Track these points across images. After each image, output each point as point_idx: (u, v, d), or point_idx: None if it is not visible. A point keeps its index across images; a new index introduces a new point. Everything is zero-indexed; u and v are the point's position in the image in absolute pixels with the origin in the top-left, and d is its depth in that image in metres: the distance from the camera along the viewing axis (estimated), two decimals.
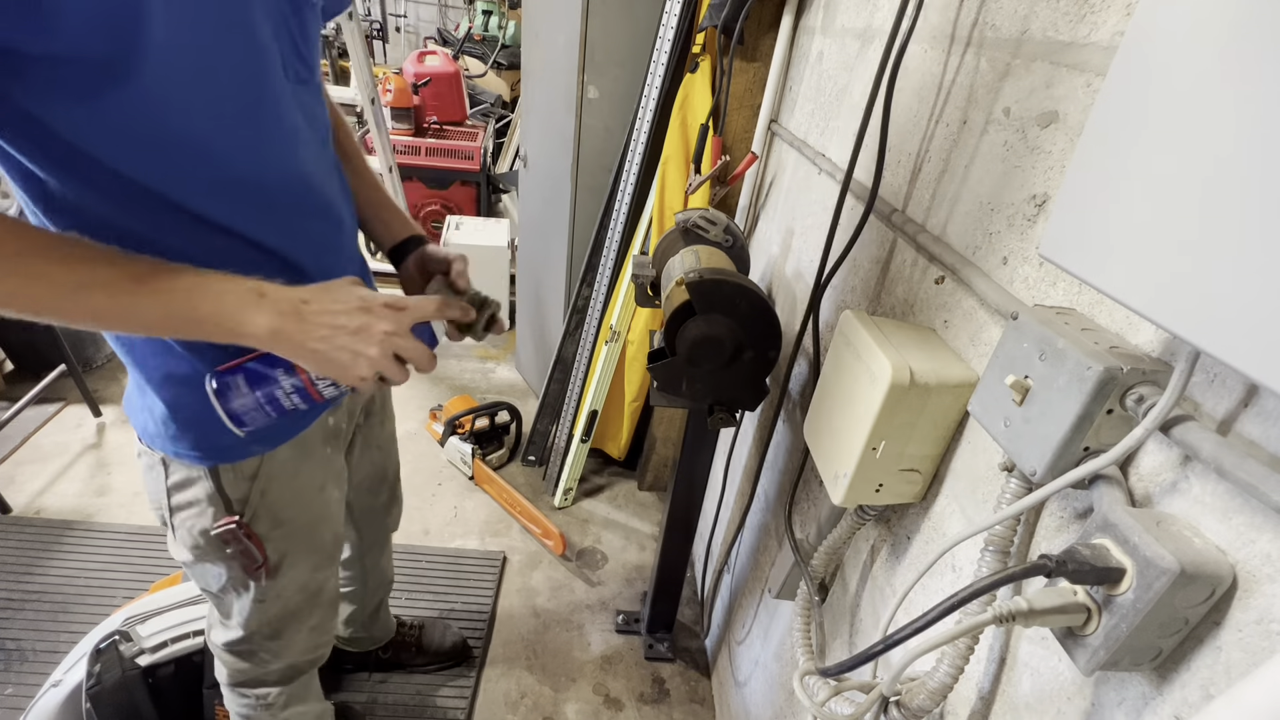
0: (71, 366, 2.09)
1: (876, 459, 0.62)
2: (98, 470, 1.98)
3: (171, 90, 0.52)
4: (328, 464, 0.85)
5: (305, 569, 0.86)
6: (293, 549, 0.83)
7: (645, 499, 2.10)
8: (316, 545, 0.87)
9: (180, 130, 0.54)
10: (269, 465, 0.76)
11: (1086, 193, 0.35)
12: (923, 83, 0.75)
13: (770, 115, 1.36)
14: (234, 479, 0.74)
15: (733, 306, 0.90)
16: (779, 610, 1.12)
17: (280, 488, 0.78)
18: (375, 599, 1.34)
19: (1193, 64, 0.30)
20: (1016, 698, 0.51)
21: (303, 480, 0.80)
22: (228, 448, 0.72)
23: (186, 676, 1.11)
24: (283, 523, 0.80)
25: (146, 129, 0.53)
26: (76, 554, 1.67)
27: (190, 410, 0.68)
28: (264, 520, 0.78)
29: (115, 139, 0.52)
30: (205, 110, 0.55)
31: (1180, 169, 0.30)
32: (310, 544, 0.86)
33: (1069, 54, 0.52)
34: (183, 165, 0.56)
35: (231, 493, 0.74)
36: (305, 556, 0.85)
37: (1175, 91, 0.31)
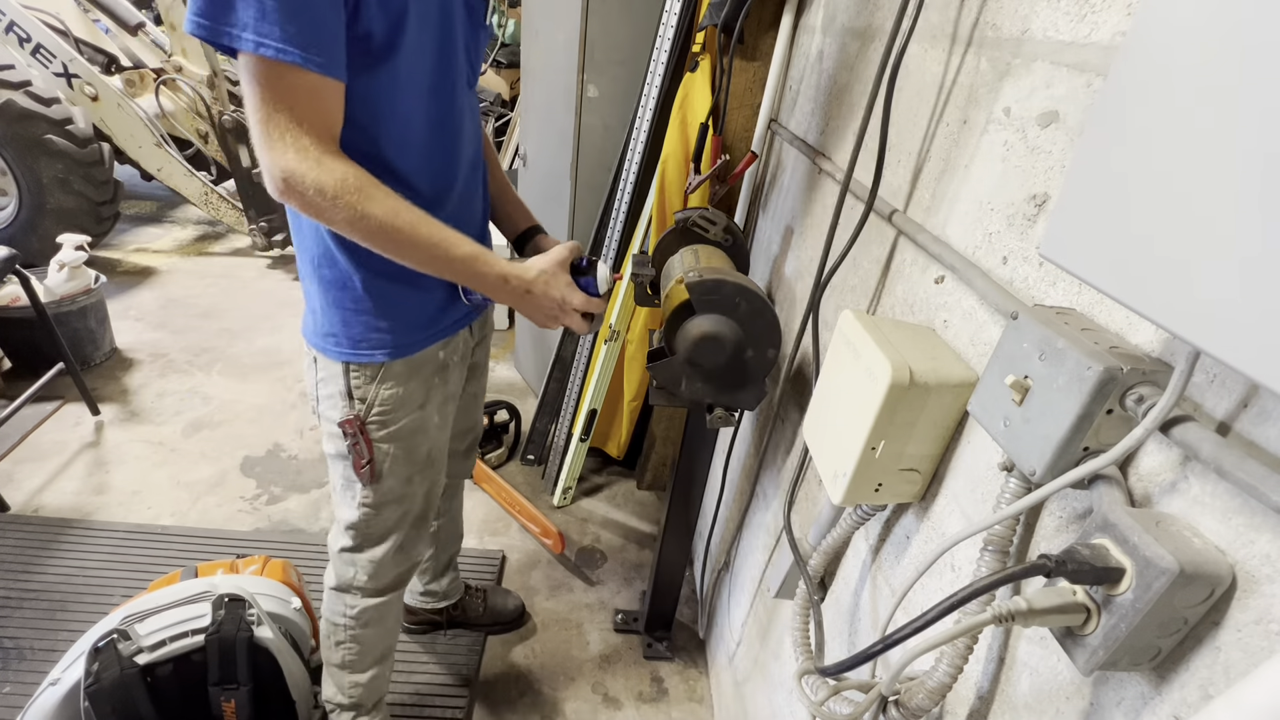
0: (70, 365, 2.09)
1: (876, 458, 0.62)
2: (96, 469, 1.97)
3: (409, 75, 0.76)
4: (433, 389, 0.99)
5: (400, 481, 1.00)
6: (393, 457, 0.97)
7: (644, 498, 2.10)
8: (413, 456, 1.00)
9: (405, 109, 0.78)
10: (386, 374, 0.92)
11: (1087, 193, 0.35)
12: (923, 82, 0.75)
13: (770, 114, 1.36)
14: (359, 380, 0.91)
15: (732, 306, 0.90)
16: (778, 609, 1.12)
17: (390, 394, 0.93)
18: (448, 552, 1.47)
19: (1194, 63, 0.30)
20: (1015, 697, 0.51)
21: (408, 393, 0.95)
22: (359, 348, 0.90)
23: (186, 675, 1.11)
24: (387, 425, 0.95)
25: (387, 103, 0.76)
26: (74, 552, 1.67)
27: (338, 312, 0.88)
28: (374, 423, 0.94)
29: (368, 108, 0.75)
30: (421, 96, 0.79)
31: (1181, 168, 0.30)
32: (408, 454, 0.99)
33: (1069, 53, 0.52)
34: (401, 137, 0.79)
35: (355, 391, 0.92)
36: (402, 466, 0.99)
37: (1176, 90, 0.31)
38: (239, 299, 3.16)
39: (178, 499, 1.90)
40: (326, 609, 1.13)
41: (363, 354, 0.90)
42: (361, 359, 0.91)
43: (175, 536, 1.75)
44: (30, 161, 2.95)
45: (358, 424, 0.93)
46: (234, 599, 1.16)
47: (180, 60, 3.28)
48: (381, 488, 0.99)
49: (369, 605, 1.10)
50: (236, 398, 2.39)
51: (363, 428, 0.94)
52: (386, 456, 0.97)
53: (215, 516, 1.85)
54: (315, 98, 0.68)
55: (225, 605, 1.14)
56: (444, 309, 0.95)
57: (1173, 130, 0.31)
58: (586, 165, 1.83)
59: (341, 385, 0.92)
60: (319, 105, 0.69)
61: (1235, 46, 0.28)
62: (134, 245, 3.71)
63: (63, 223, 2.99)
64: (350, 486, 1.00)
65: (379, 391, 0.92)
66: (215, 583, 1.20)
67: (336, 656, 1.14)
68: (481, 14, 0.85)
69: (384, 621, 1.14)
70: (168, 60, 3.35)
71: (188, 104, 3.43)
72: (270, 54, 0.64)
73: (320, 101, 0.69)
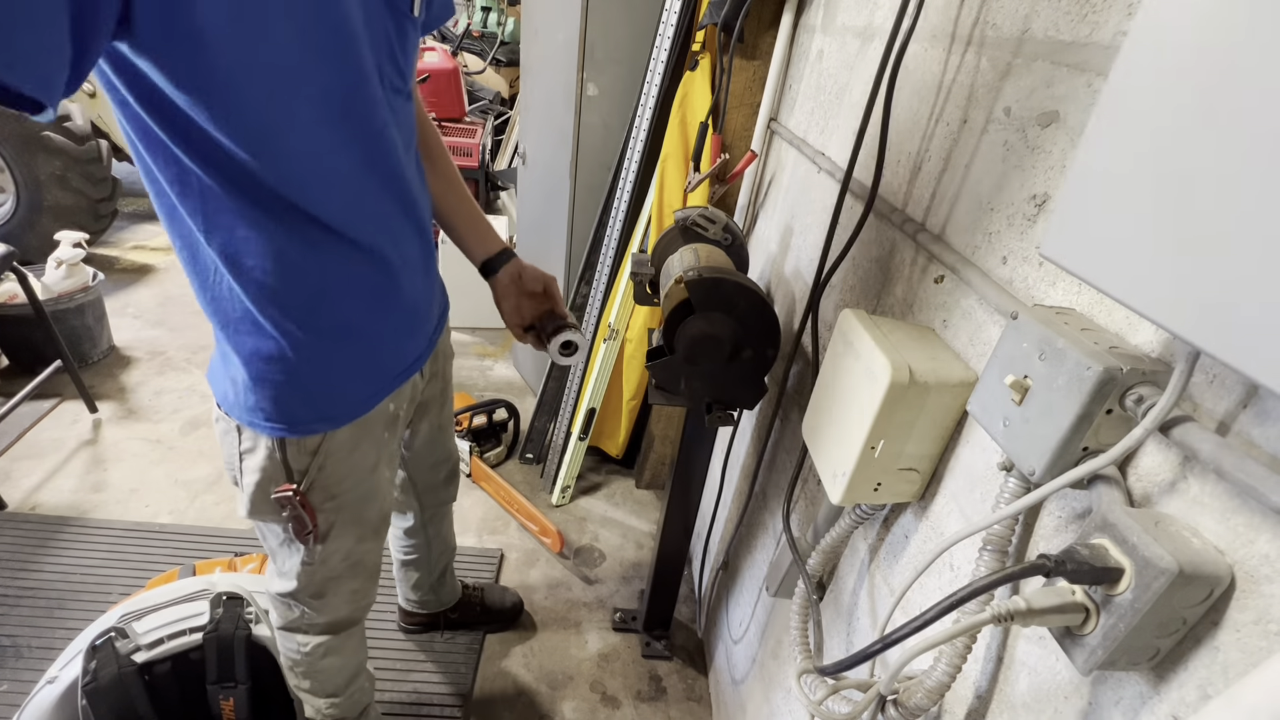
0: (67, 362, 2.08)
1: (875, 458, 0.62)
2: (94, 466, 1.97)
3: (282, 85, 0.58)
4: (383, 447, 0.91)
5: (350, 540, 0.93)
6: (341, 521, 0.89)
7: (643, 497, 2.10)
8: (363, 519, 0.93)
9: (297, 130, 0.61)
10: (329, 443, 0.82)
11: (1088, 193, 0.35)
12: (923, 82, 0.75)
13: (770, 113, 1.36)
14: (297, 452, 0.81)
15: (732, 305, 0.90)
16: (776, 608, 1.12)
17: (336, 464, 0.84)
18: (440, 565, 1.44)
19: (1195, 63, 0.30)
20: (1014, 697, 0.51)
21: (358, 459, 0.86)
22: (296, 423, 0.79)
23: (184, 673, 1.11)
24: (335, 496, 0.86)
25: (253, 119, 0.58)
26: (72, 550, 1.66)
27: (269, 387, 0.75)
28: (318, 492, 0.85)
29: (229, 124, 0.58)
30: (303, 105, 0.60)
31: (1182, 169, 0.30)
32: (357, 518, 0.92)
33: (1070, 54, 0.52)
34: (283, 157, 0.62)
35: (294, 464, 0.81)
36: (351, 529, 0.92)
37: (1177, 90, 0.31)
38: None
39: (175, 497, 1.89)
40: (280, 644, 1.06)
41: (300, 429, 0.79)
42: (298, 434, 0.79)
43: (173, 534, 1.75)
44: (28, 158, 2.94)
45: (298, 497, 0.82)
46: (232, 597, 1.15)
47: None
48: (329, 546, 0.91)
49: (321, 641, 1.03)
50: None
51: (304, 500, 0.83)
52: (333, 523, 0.88)
53: (213, 514, 1.85)
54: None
55: (223, 603, 1.14)
56: (395, 355, 0.85)
57: (1174, 130, 0.31)
58: (586, 164, 1.83)
59: (276, 457, 0.80)
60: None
61: (1236, 47, 0.28)
62: (132, 243, 3.70)
63: (60, 220, 2.99)
64: (290, 545, 0.90)
65: (323, 463, 0.82)
66: (213, 581, 1.20)
67: (304, 684, 1.09)
68: (405, 4, 0.68)
69: (342, 651, 1.07)
70: None
71: None
72: None
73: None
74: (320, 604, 0.98)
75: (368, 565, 1.00)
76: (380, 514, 0.96)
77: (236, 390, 0.77)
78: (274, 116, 0.59)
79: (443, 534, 1.38)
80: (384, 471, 0.93)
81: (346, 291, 0.75)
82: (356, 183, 0.69)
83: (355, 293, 0.76)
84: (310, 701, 1.12)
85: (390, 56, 0.68)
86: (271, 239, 0.66)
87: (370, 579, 1.03)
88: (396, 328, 0.84)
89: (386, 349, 0.83)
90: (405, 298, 0.83)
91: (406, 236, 0.80)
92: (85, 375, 2.28)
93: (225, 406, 0.80)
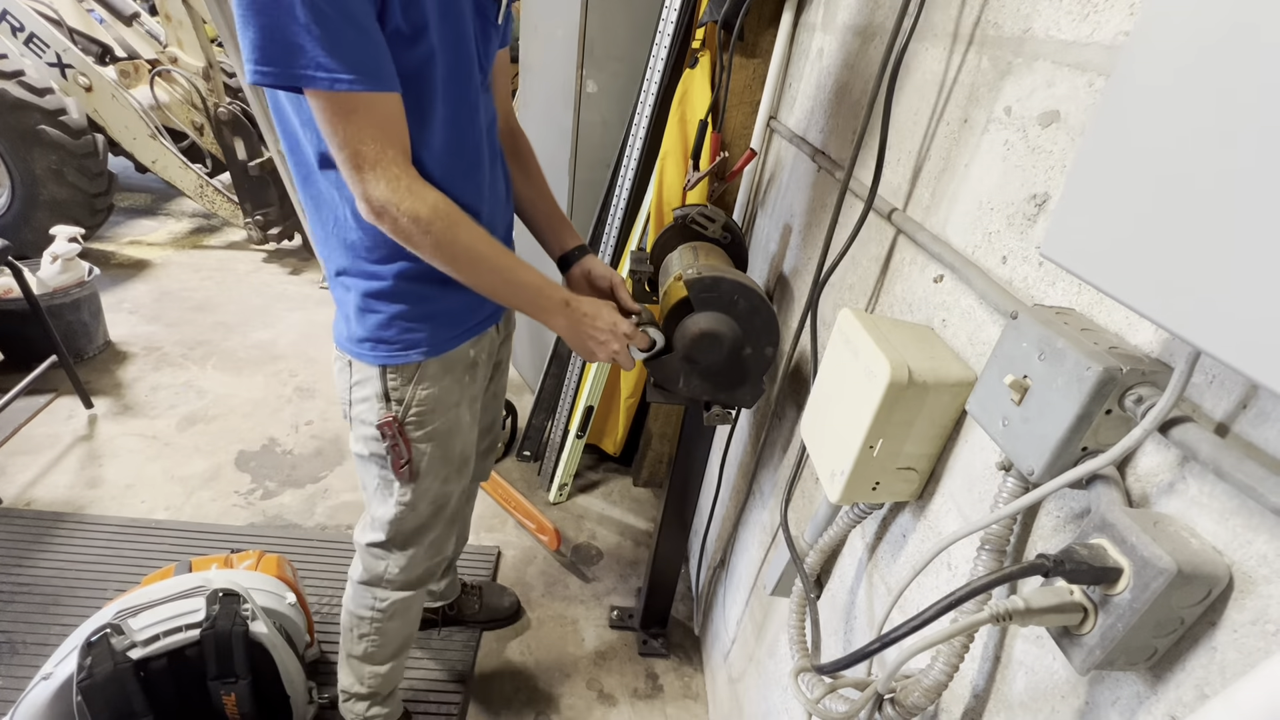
0: (63, 358, 2.08)
1: (874, 457, 0.62)
2: (89, 462, 1.96)
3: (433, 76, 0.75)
4: (464, 387, 1.00)
5: (437, 481, 1.01)
6: (430, 456, 0.98)
7: (640, 495, 2.10)
8: (448, 456, 1.01)
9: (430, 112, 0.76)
10: (421, 374, 0.92)
11: (1089, 193, 0.35)
12: (924, 80, 0.75)
13: (769, 111, 1.36)
14: (397, 382, 0.91)
15: (731, 304, 0.90)
16: (774, 607, 1.12)
17: (426, 394, 0.94)
18: (455, 552, 1.46)
19: (1196, 63, 0.30)
20: (1011, 696, 0.51)
21: (444, 393, 0.96)
22: (393, 352, 0.90)
23: (181, 670, 1.10)
24: (424, 425, 0.95)
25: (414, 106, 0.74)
26: (67, 546, 1.66)
27: (374, 317, 0.88)
28: (412, 425, 0.95)
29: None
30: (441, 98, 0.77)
31: (1182, 169, 0.30)
32: (444, 454, 1.00)
33: (1071, 53, 0.52)
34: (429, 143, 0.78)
35: (393, 394, 0.92)
36: (439, 466, 1.00)
37: (1178, 90, 0.31)
38: (234, 292, 3.15)
39: (171, 493, 1.89)
40: (351, 602, 1.13)
41: (398, 355, 0.90)
42: (397, 360, 0.91)
43: (169, 531, 1.74)
44: (23, 153, 2.92)
45: (396, 425, 0.93)
46: (228, 594, 1.15)
47: (175, 51, 3.26)
48: (420, 486, 1.00)
49: (398, 599, 1.10)
50: (231, 392, 2.38)
51: (401, 429, 0.94)
52: (424, 456, 0.97)
53: (209, 511, 1.84)
54: (390, 120, 0.70)
55: (220, 600, 1.14)
56: (474, 306, 0.95)
57: (1175, 130, 0.31)
58: (585, 161, 1.82)
59: (378, 388, 0.92)
60: (396, 127, 0.71)
61: (1237, 47, 0.28)
62: (128, 238, 3.68)
63: (56, 214, 2.97)
64: (387, 486, 1.00)
65: (416, 392, 0.93)
66: (209, 577, 1.20)
67: (359, 649, 1.15)
68: (493, 13, 0.83)
69: (408, 613, 1.15)
70: (163, 51, 3.31)
71: (183, 96, 3.41)
72: (345, 88, 0.65)
73: (396, 123, 0.71)
74: (406, 556, 1.06)
75: (450, 509, 1.08)
76: (462, 453, 1.04)
77: (349, 325, 0.90)
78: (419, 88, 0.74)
79: (465, 517, 1.42)
80: (465, 412, 1.01)
81: None
82: (460, 148, 0.83)
83: None
84: (356, 670, 1.18)
85: (483, 52, 0.82)
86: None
87: (450, 525, 1.10)
88: None
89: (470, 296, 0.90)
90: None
91: (493, 201, 0.92)
92: (81, 371, 2.27)
93: (338, 343, 0.94)
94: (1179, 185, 0.30)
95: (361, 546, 1.08)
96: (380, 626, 1.13)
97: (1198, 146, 0.30)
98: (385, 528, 1.03)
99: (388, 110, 0.70)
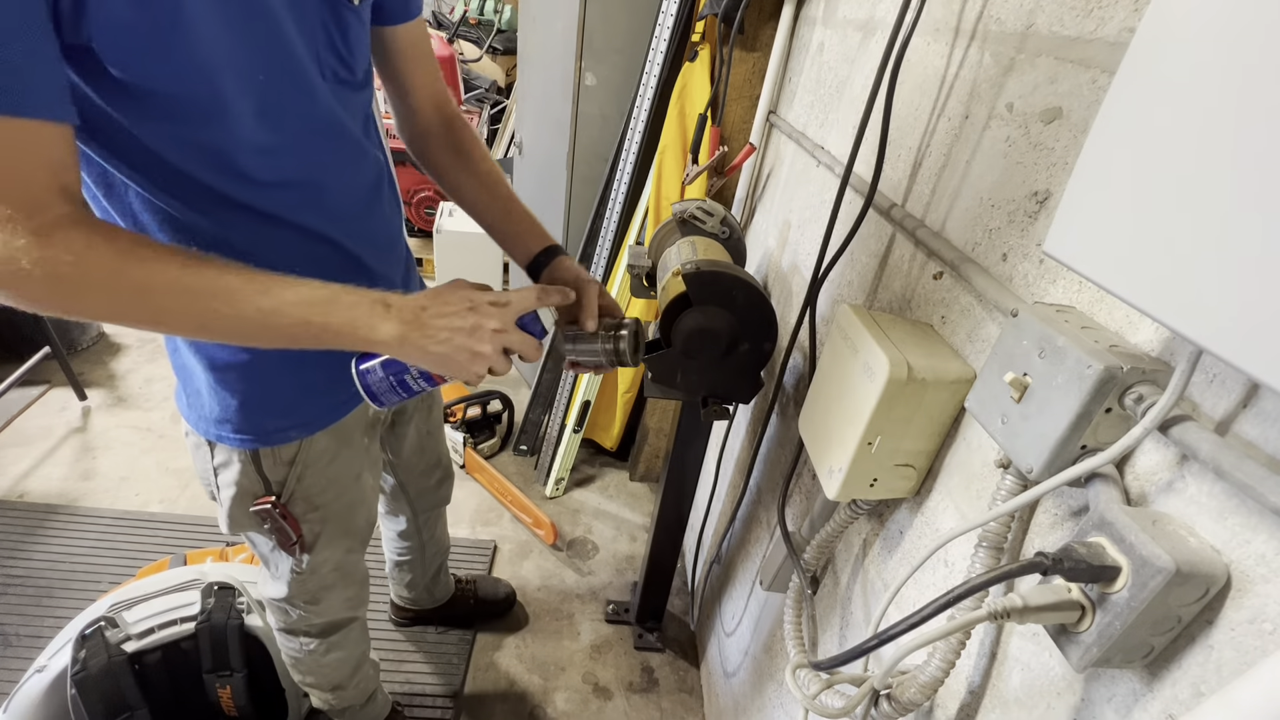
0: (56, 349, 2.06)
1: (872, 454, 0.62)
2: (83, 454, 1.95)
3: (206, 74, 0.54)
4: (365, 452, 0.88)
5: (339, 550, 0.91)
6: (327, 532, 0.87)
7: (637, 489, 2.10)
8: (351, 529, 0.91)
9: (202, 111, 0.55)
10: (306, 452, 0.79)
11: (1094, 190, 0.35)
12: (925, 76, 0.74)
13: (769, 106, 1.35)
14: (273, 463, 0.78)
15: (729, 299, 0.90)
16: (769, 602, 1.12)
17: (316, 474, 0.81)
18: (434, 565, 1.43)
19: (1205, 60, 0.30)
20: (1006, 692, 0.52)
21: (339, 467, 0.83)
22: (268, 433, 0.75)
23: (175, 663, 1.10)
24: (318, 506, 0.84)
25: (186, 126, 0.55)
26: (61, 539, 1.65)
27: (233, 395, 0.72)
28: (300, 503, 0.82)
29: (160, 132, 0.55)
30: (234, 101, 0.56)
31: (1190, 167, 0.30)
32: (345, 527, 0.90)
33: (1075, 49, 0.51)
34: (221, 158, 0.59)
35: (270, 475, 0.78)
36: (339, 539, 0.90)
37: (1188, 87, 0.30)
38: None
39: (166, 486, 1.88)
40: (281, 644, 1.05)
41: (272, 438, 0.75)
42: (272, 444, 0.75)
43: (164, 523, 1.74)
44: None
45: (277, 508, 0.79)
46: (223, 587, 1.15)
47: None
48: (317, 557, 0.89)
49: (322, 641, 1.03)
50: None
51: (285, 511, 0.80)
52: (319, 534, 0.86)
53: (204, 504, 1.83)
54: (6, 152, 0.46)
55: (215, 593, 1.14)
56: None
57: (1183, 127, 0.30)
58: (583, 155, 1.82)
59: (250, 470, 0.77)
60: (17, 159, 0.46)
61: (1246, 45, 0.28)
62: None
63: None
64: (278, 552, 0.88)
65: (301, 473, 0.79)
66: (204, 570, 1.20)
67: (308, 680, 1.10)
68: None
69: (344, 646, 1.06)
70: None
71: None
72: None
73: (20, 153, 0.46)
74: (316, 609, 0.98)
75: (359, 574, 1.01)
76: (367, 522, 0.95)
77: (200, 403, 0.74)
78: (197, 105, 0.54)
79: (436, 535, 1.37)
80: (368, 479, 0.90)
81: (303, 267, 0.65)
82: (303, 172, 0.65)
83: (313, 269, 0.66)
84: (316, 694, 1.13)
85: (330, 46, 0.63)
86: (209, 234, 0.61)
87: (363, 585, 1.04)
88: None
89: None
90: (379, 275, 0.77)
91: (370, 228, 0.74)
92: (74, 362, 2.25)
93: (191, 422, 0.77)
94: (1187, 183, 0.30)
95: (265, 600, 0.98)
96: (318, 664, 1.05)
97: (1206, 143, 0.29)
98: (286, 587, 0.93)
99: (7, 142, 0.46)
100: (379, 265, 0.77)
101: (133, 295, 0.51)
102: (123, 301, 0.51)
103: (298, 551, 0.86)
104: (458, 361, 0.60)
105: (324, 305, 0.56)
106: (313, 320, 0.56)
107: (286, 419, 0.76)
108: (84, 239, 0.48)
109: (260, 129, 0.59)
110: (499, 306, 0.62)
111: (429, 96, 0.83)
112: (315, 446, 0.79)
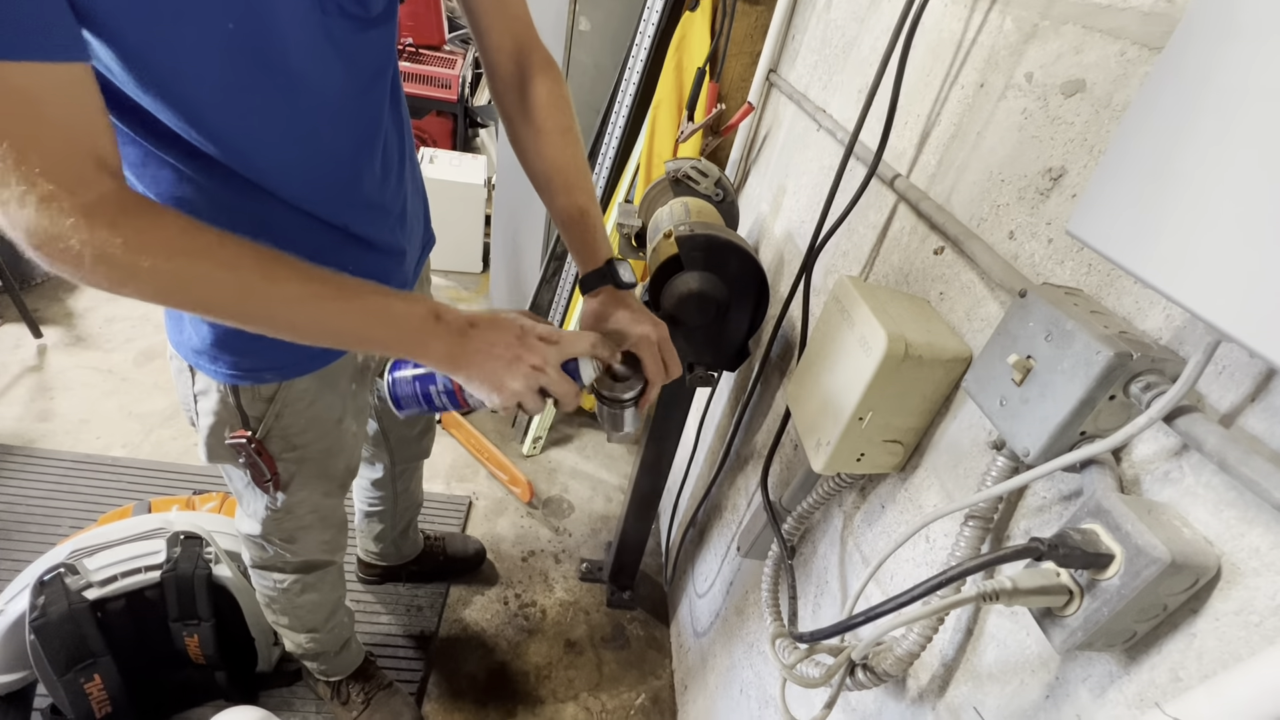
0: (9, 283, 1.95)
1: (862, 429, 0.61)
2: (39, 394, 1.87)
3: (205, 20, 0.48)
4: (350, 398, 0.87)
5: (316, 493, 0.90)
6: (303, 473, 0.85)
7: (614, 451, 2.11)
8: (328, 473, 0.89)
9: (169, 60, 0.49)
10: (286, 392, 0.77)
11: (1128, 170, 0.33)
12: (940, 40, 0.71)
13: (770, 64, 1.30)
14: (251, 399, 0.76)
15: (723, 264, 0.88)
16: (742, 567, 1.14)
17: (295, 414, 0.79)
18: (405, 519, 1.40)
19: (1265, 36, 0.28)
20: (980, 667, 0.53)
21: (320, 410, 0.81)
22: (245, 371, 0.73)
23: (141, 611, 1.08)
24: (295, 447, 0.82)
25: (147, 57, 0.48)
26: (17, 480, 1.59)
27: (217, 328, 0.69)
28: (276, 441, 0.80)
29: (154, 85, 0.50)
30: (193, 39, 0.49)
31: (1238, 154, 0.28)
32: (322, 471, 0.88)
33: (1104, 18, 0.49)
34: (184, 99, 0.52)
35: (248, 410, 0.76)
36: (316, 482, 0.88)
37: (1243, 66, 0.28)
38: None
39: (129, 430, 1.82)
40: (254, 582, 1.04)
41: (251, 376, 0.73)
42: (250, 381, 0.74)
43: (127, 469, 1.69)
44: None
45: (252, 443, 0.77)
46: (190, 536, 1.12)
47: None
48: (293, 497, 0.87)
49: (297, 579, 1.01)
50: None
51: (260, 447, 0.78)
52: (294, 474, 0.84)
53: (170, 450, 1.79)
54: (38, 105, 0.41)
55: (181, 542, 1.11)
56: None
57: (1235, 112, 0.29)
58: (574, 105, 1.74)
59: (229, 402, 0.75)
60: (53, 116, 0.42)
61: None
62: None
63: None
64: (253, 489, 0.86)
65: (280, 411, 0.77)
66: (170, 519, 1.17)
67: (282, 621, 1.09)
68: None
69: (320, 588, 1.05)
70: None
71: None
72: None
73: (54, 108, 0.41)
74: (293, 548, 0.96)
75: (336, 517, 0.99)
76: (347, 468, 0.93)
77: (183, 327, 0.72)
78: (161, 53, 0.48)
79: (410, 489, 1.35)
80: (350, 425, 0.88)
81: (293, 234, 0.64)
82: (291, 124, 0.58)
83: (304, 237, 0.65)
84: (290, 636, 1.12)
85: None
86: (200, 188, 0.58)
87: (341, 530, 1.02)
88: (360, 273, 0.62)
89: None
90: (374, 243, 0.73)
91: (370, 175, 0.68)
92: (28, 298, 2.14)
93: (175, 344, 0.74)
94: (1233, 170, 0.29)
95: (240, 535, 0.97)
96: (291, 603, 1.04)
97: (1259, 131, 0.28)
98: (260, 525, 0.92)
99: (39, 94, 0.41)
100: (379, 235, 0.72)
101: (181, 284, 0.48)
102: (172, 291, 0.49)
103: (271, 489, 0.84)
104: (486, 385, 0.58)
105: (379, 315, 0.55)
106: (367, 328, 0.55)
107: (263, 360, 0.73)
108: (132, 224, 0.45)
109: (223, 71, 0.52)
110: (547, 343, 0.59)
111: (504, 43, 0.70)
112: (296, 387, 0.77)
